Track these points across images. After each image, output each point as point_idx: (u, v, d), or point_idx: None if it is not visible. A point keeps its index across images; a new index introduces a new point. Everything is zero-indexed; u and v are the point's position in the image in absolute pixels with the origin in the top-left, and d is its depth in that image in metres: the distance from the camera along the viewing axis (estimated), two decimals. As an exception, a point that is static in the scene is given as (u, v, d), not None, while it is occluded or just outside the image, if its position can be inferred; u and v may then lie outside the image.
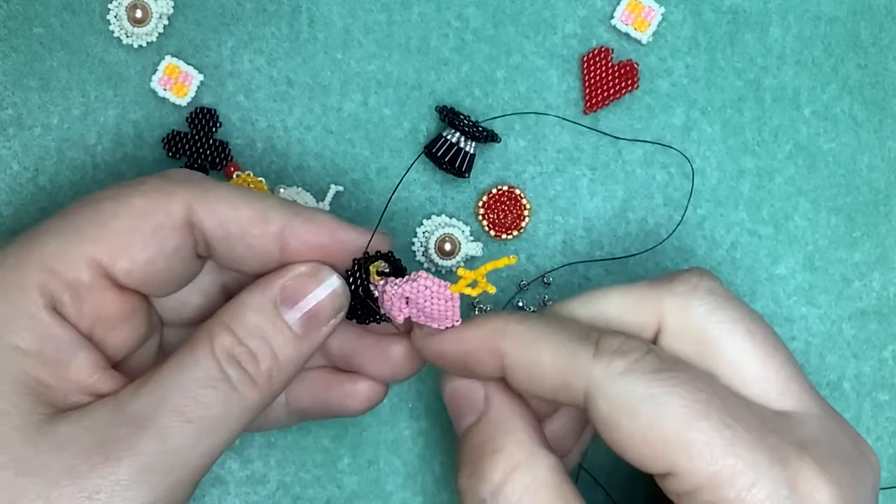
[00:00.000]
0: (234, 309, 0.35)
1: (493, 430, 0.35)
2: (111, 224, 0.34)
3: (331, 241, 0.36)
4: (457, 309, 0.36)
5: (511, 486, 0.34)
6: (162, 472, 0.31)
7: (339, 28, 0.43)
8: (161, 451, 0.31)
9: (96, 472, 0.31)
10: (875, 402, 0.45)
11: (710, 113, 0.44)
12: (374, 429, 0.43)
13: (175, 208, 0.34)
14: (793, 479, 0.32)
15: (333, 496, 0.43)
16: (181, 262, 0.35)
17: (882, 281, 0.45)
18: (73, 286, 0.33)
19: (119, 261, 0.34)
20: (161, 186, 0.35)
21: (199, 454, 0.32)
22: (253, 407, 0.34)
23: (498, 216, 0.43)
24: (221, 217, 0.35)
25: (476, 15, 0.44)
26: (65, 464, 0.31)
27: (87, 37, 0.43)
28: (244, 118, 0.43)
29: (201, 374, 0.33)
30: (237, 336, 0.34)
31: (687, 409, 0.32)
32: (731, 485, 0.31)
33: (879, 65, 0.45)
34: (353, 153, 0.43)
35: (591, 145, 0.44)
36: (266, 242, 0.35)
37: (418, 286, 0.36)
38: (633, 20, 0.43)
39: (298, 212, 0.36)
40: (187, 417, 0.32)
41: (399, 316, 0.36)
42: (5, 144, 0.42)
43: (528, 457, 0.34)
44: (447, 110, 0.43)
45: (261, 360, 0.34)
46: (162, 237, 0.34)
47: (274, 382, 0.34)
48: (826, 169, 0.45)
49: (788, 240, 0.45)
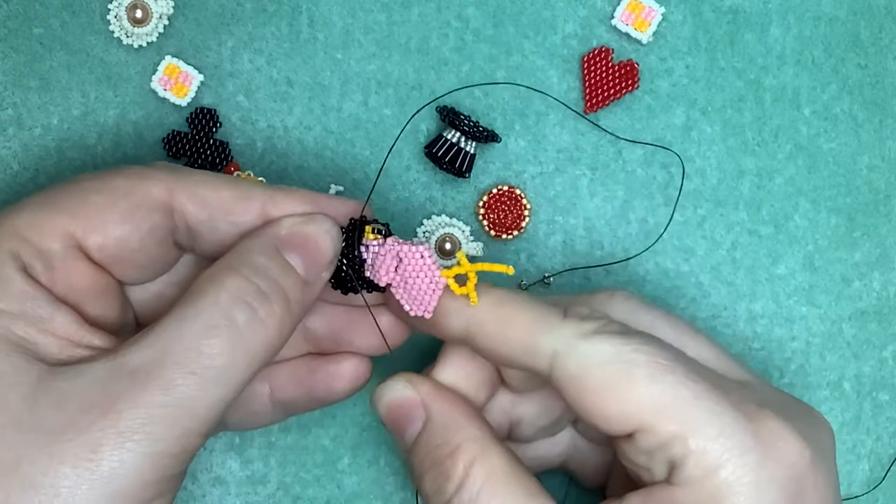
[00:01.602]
0: (237, 253, 0.34)
1: (444, 431, 0.36)
2: (89, 199, 0.34)
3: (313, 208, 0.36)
4: (436, 298, 0.36)
5: (471, 479, 0.34)
6: (166, 424, 0.31)
7: (339, 28, 0.43)
8: (164, 403, 0.31)
9: (97, 426, 0.30)
10: (875, 402, 0.45)
11: (711, 113, 0.44)
12: (374, 429, 0.43)
13: (155, 191, 0.35)
14: (757, 430, 0.32)
15: (334, 496, 0.43)
16: (156, 246, 0.35)
17: (882, 281, 0.45)
18: (44, 255, 0.33)
19: (92, 234, 0.34)
20: (143, 171, 0.35)
21: (206, 405, 0.32)
22: (261, 353, 0.33)
23: (498, 216, 0.43)
24: (202, 198, 0.35)
25: (476, 15, 0.44)
26: (66, 419, 0.30)
27: (87, 37, 0.43)
28: (244, 118, 0.43)
29: (204, 323, 0.32)
30: (246, 277, 0.33)
31: (653, 366, 0.33)
32: (698, 436, 0.32)
33: (879, 65, 0.45)
34: (353, 153, 0.43)
35: (592, 145, 0.44)
36: (249, 218, 0.35)
37: (416, 251, 0.36)
38: (633, 20, 0.43)
39: (278, 187, 0.36)
40: (191, 369, 0.31)
41: (384, 277, 0.36)
42: (5, 145, 0.42)
43: (483, 449, 0.35)
44: (447, 110, 0.43)
45: (272, 300, 0.33)
46: (138, 216, 0.34)
47: (284, 326, 0.34)
48: (826, 169, 0.45)
49: (788, 240, 0.45)
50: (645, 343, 0.34)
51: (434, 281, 0.36)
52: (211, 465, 0.43)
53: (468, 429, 0.36)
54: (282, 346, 0.34)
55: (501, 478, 0.34)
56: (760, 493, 0.32)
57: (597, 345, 0.33)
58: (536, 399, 0.39)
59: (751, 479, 0.32)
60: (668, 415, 0.32)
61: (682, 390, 0.33)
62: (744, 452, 0.32)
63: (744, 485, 0.32)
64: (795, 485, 0.32)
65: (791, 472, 0.32)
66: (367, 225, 0.36)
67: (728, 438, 0.32)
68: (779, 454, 0.32)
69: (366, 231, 0.36)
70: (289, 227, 0.35)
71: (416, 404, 0.36)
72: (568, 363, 0.34)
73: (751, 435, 0.32)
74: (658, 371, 0.33)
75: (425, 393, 0.36)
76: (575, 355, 0.33)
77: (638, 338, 0.34)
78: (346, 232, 0.36)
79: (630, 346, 0.33)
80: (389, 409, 0.37)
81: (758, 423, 0.33)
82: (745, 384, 0.35)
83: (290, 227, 0.35)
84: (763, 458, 0.32)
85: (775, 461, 0.32)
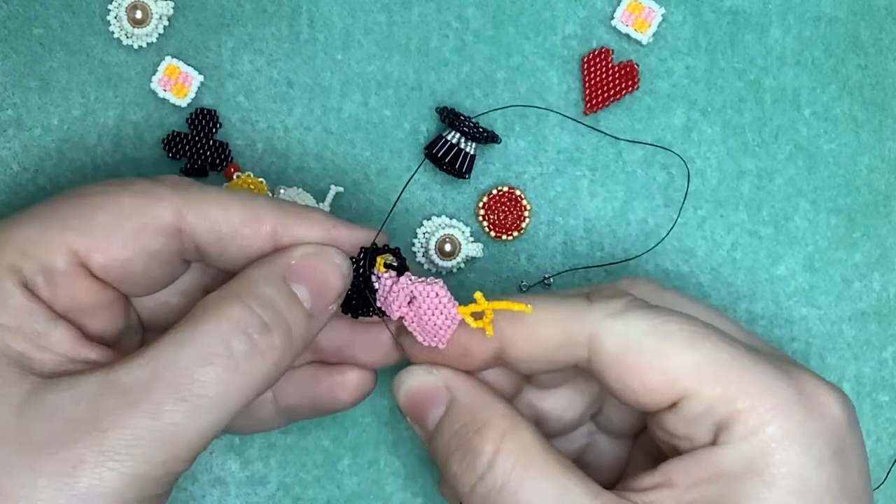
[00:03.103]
0: (243, 281, 0.34)
1: (471, 410, 0.35)
2: (95, 217, 0.34)
3: (324, 237, 0.35)
4: (451, 332, 0.35)
5: (503, 455, 0.34)
6: (151, 447, 0.30)
7: (340, 29, 0.43)
8: (151, 427, 0.30)
9: (81, 442, 0.30)
10: (875, 402, 0.45)
11: (711, 114, 0.44)
12: (374, 430, 0.43)
13: (162, 213, 0.34)
14: (799, 387, 0.33)
15: (334, 497, 0.43)
16: (162, 266, 0.35)
17: (882, 282, 0.45)
18: (47, 270, 0.33)
19: (96, 254, 0.34)
20: (151, 189, 0.35)
21: (194, 433, 0.31)
22: (256, 385, 0.32)
23: (498, 217, 0.43)
24: (212, 220, 0.34)
25: (476, 16, 0.44)
26: (51, 432, 0.30)
27: (87, 38, 0.42)
28: (244, 119, 0.43)
29: (201, 351, 0.32)
30: (249, 307, 0.33)
31: (688, 334, 0.33)
32: (743, 395, 0.32)
33: (879, 65, 0.45)
34: (353, 154, 0.43)
35: (592, 146, 0.44)
36: (259, 242, 0.35)
37: (430, 290, 0.35)
38: (633, 21, 0.43)
39: (290, 210, 0.35)
40: (182, 395, 0.31)
41: (396, 311, 0.36)
42: (5, 145, 0.42)
43: (513, 425, 0.34)
44: (447, 111, 0.43)
45: (274, 333, 0.33)
46: (144, 239, 0.34)
47: (283, 359, 0.33)
48: (826, 170, 0.45)
49: (788, 241, 0.45)
50: (675, 314, 0.34)
51: (449, 317, 0.35)
52: (211, 465, 0.43)
53: (495, 406, 0.35)
54: (280, 377, 0.34)
55: (533, 453, 0.34)
56: (808, 447, 0.32)
57: (630, 321, 0.34)
58: (563, 393, 0.39)
59: (798, 433, 0.32)
60: (711, 378, 0.33)
61: (721, 354, 0.33)
62: (789, 408, 0.32)
63: (792, 439, 0.32)
64: (838, 439, 0.33)
65: (834, 427, 0.33)
66: (379, 256, 0.36)
67: (772, 395, 0.32)
68: (822, 409, 0.33)
69: (377, 263, 0.36)
70: (299, 258, 0.35)
71: (438, 388, 0.36)
72: (605, 344, 0.34)
73: (795, 390, 0.33)
74: (694, 338, 0.33)
75: (448, 377, 0.36)
76: (611, 335, 0.34)
77: (667, 310, 0.34)
78: (356, 261, 0.36)
79: (662, 318, 0.34)
80: (411, 394, 0.36)
81: (798, 379, 0.33)
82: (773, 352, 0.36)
83: (300, 257, 0.35)
84: (809, 413, 0.32)
85: (820, 416, 0.32)
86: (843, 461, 0.33)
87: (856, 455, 0.33)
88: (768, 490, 0.32)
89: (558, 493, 0.33)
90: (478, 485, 0.34)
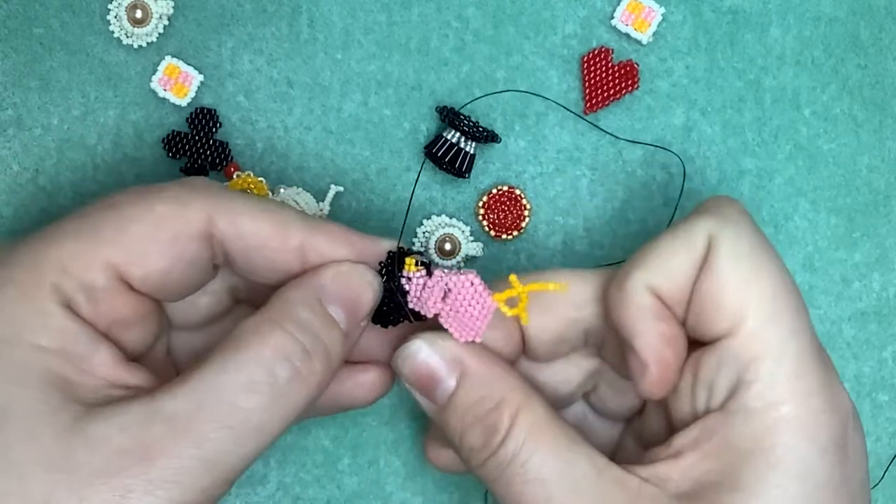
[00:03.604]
0: (280, 306, 0.34)
1: (486, 384, 0.35)
2: (130, 229, 0.34)
3: (350, 253, 0.36)
4: (486, 322, 0.35)
5: (516, 429, 0.34)
6: (196, 475, 0.31)
7: (339, 28, 0.43)
8: (197, 455, 0.31)
9: (129, 472, 0.30)
10: (875, 402, 0.45)
11: (710, 113, 0.44)
12: (374, 429, 0.43)
13: (195, 218, 0.34)
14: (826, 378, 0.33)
15: (334, 497, 0.43)
16: (197, 272, 0.35)
17: (882, 282, 0.45)
18: (88, 288, 0.33)
19: (135, 267, 0.33)
20: (181, 196, 0.34)
21: (238, 459, 0.32)
22: (297, 409, 0.33)
23: (498, 216, 0.43)
24: (241, 230, 0.34)
25: (476, 15, 0.44)
26: (98, 462, 0.30)
27: (87, 37, 0.43)
28: (244, 118, 0.43)
29: (245, 378, 0.32)
30: (290, 333, 0.33)
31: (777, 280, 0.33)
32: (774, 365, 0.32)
33: (879, 65, 0.45)
34: (353, 153, 0.43)
35: (592, 145, 0.44)
36: (286, 257, 0.35)
37: (465, 280, 0.35)
38: (633, 20, 0.43)
39: (317, 226, 0.36)
40: (227, 424, 0.31)
41: (432, 309, 0.36)
42: (5, 145, 0.42)
43: (526, 398, 0.35)
44: (447, 110, 0.43)
45: (314, 358, 0.33)
46: (180, 247, 0.34)
47: (324, 382, 0.34)
48: (826, 169, 0.45)
49: (788, 240, 0.45)
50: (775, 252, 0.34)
51: (484, 306, 0.35)
52: (211, 465, 0.43)
53: (508, 378, 0.35)
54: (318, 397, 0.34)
55: (545, 426, 0.34)
56: (816, 436, 0.32)
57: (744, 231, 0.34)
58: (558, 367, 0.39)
59: (810, 420, 0.32)
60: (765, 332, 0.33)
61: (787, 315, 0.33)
62: (810, 395, 0.32)
63: (802, 424, 0.32)
64: (842, 433, 0.33)
65: (841, 420, 0.33)
66: (408, 257, 0.36)
67: (801, 379, 0.32)
68: (836, 403, 0.33)
69: (407, 263, 0.36)
70: (332, 278, 0.35)
71: (447, 361, 0.36)
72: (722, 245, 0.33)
73: (820, 381, 0.33)
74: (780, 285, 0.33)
75: (457, 348, 0.36)
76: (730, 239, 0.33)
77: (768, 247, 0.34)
78: (385, 265, 0.36)
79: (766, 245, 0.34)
80: (419, 366, 0.36)
81: (828, 369, 0.33)
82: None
83: (333, 277, 0.35)
84: (827, 404, 0.33)
85: (835, 409, 0.33)
86: (846, 455, 0.33)
87: (858, 451, 0.34)
88: (772, 471, 0.32)
89: (565, 466, 0.33)
90: (490, 458, 0.34)
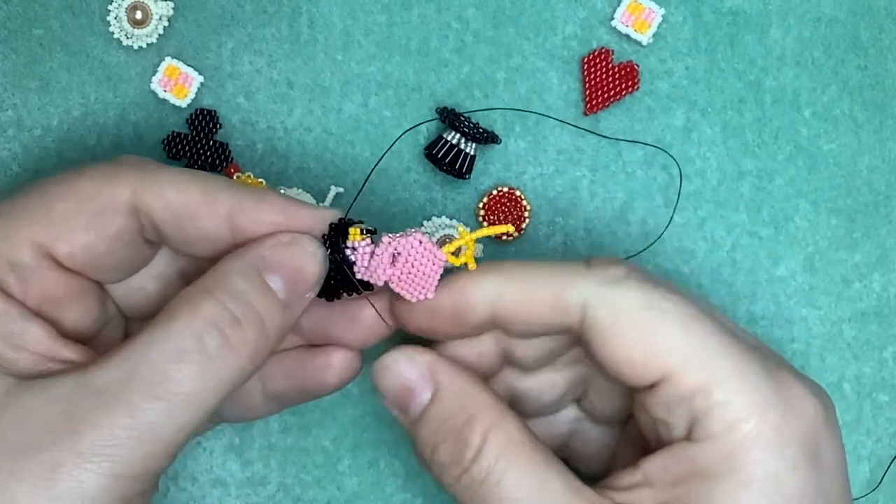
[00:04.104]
0: (215, 275, 0.34)
1: (458, 400, 0.35)
2: (54, 206, 0.34)
3: (283, 219, 0.35)
4: (437, 277, 0.35)
5: (488, 447, 0.34)
6: (129, 447, 0.30)
7: (340, 29, 0.43)
8: (128, 426, 0.30)
9: (58, 445, 0.30)
10: (875, 403, 0.45)
11: (711, 114, 0.44)
12: (374, 430, 0.43)
13: (120, 192, 0.34)
14: (779, 387, 0.33)
15: (334, 498, 0.43)
16: (125, 247, 0.35)
17: (882, 282, 0.45)
18: (16, 266, 0.33)
19: (59, 243, 0.34)
20: (107, 171, 0.35)
21: (172, 430, 0.31)
22: (231, 379, 0.32)
23: (498, 217, 0.43)
24: (168, 200, 0.34)
25: (476, 16, 0.44)
26: (28, 435, 0.30)
27: (87, 38, 0.43)
28: (244, 120, 0.43)
29: (174, 347, 0.32)
30: (221, 301, 0.33)
31: (683, 316, 0.33)
32: (723, 388, 0.32)
33: (880, 66, 0.45)
34: (353, 154, 0.43)
35: (592, 147, 0.44)
36: (216, 223, 0.35)
37: (412, 240, 0.35)
38: (633, 21, 0.43)
39: (247, 192, 0.35)
40: (157, 393, 0.31)
41: (381, 277, 0.36)
42: (5, 146, 0.42)
43: (499, 417, 0.35)
44: (447, 112, 0.43)
45: (246, 327, 0.33)
46: (103, 221, 0.34)
47: (258, 352, 0.33)
48: (826, 170, 0.45)
49: (789, 241, 0.45)
50: (675, 293, 0.34)
51: (434, 262, 0.35)
52: (211, 466, 0.43)
53: (481, 396, 0.35)
54: (257, 369, 0.34)
55: (517, 445, 0.34)
56: (783, 449, 0.32)
57: (626, 291, 0.33)
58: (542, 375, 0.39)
59: (773, 434, 0.32)
60: (695, 364, 0.32)
61: (711, 340, 0.33)
62: (767, 408, 0.32)
63: (767, 440, 0.32)
64: (813, 442, 0.33)
65: (809, 429, 0.33)
66: (351, 227, 0.36)
67: (752, 393, 0.32)
68: (799, 411, 0.33)
69: (351, 233, 0.36)
70: (271, 248, 0.34)
71: (423, 375, 0.36)
72: (598, 312, 0.33)
73: (773, 391, 0.32)
74: (688, 319, 0.33)
75: (431, 363, 0.36)
76: (605, 304, 0.33)
77: (667, 287, 0.34)
78: (329, 237, 0.36)
79: (659, 293, 0.33)
80: (394, 381, 0.36)
81: (779, 379, 0.33)
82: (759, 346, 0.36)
83: (273, 247, 0.34)
84: (785, 415, 0.32)
85: (796, 418, 0.32)
86: (817, 465, 0.32)
87: (832, 458, 0.33)
88: (743, 490, 0.32)
89: (538, 486, 0.33)
90: (463, 476, 0.34)
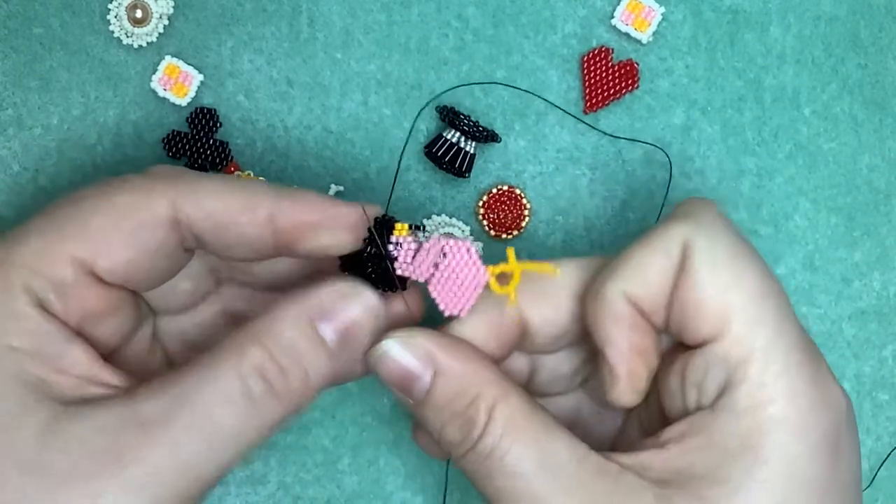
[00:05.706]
0: (267, 323, 0.34)
1: (460, 380, 0.35)
2: (92, 222, 0.34)
3: (321, 217, 0.35)
4: (476, 296, 0.35)
5: (493, 423, 0.34)
6: (168, 482, 0.31)
7: (339, 28, 0.43)
8: (170, 462, 0.31)
9: (102, 475, 0.30)
10: (875, 401, 0.45)
11: (710, 113, 0.44)
12: (374, 429, 0.43)
13: (158, 206, 0.34)
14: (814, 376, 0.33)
15: (334, 496, 0.43)
16: (165, 259, 0.35)
17: (882, 281, 0.45)
18: (57, 284, 0.33)
19: (100, 260, 0.34)
20: (144, 184, 0.35)
21: (211, 468, 0.32)
22: (272, 423, 0.33)
23: (498, 216, 0.43)
24: (208, 210, 0.34)
25: (476, 15, 0.44)
26: (72, 464, 0.31)
27: (87, 37, 0.43)
28: (244, 118, 0.43)
29: (221, 390, 0.32)
30: (269, 351, 0.33)
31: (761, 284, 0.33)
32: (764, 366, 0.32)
33: (879, 64, 0.45)
34: (353, 153, 0.43)
35: (591, 145, 0.44)
36: (256, 228, 0.35)
37: (462, 245, 0.35)
38: (633, 20, 0.43)
39: (285, 193, 0.35)
40: (200, 433, 0.32)
41: (424, 273, 0.35)
42: (5, 145, 0.42)
43: (502, 392, 0.34)
44: (447, 110, 0.43)
45: (291, 377, 0.33)
46: (144, 236, 0.34)
47: (302, 399, 0.34)
48: (826, 169, 0.45)
49: (788, 239, 0.45)
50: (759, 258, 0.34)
51: (477, 277, 0.35)
52: (211, 464, 0.43)
53: (483, 372, 0.35)
54: (300, 413, 0.34)
55: (521, 417, 0.34)
56: (806, 436, 0.32)
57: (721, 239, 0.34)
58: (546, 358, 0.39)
59: (798, 420, 0.32)
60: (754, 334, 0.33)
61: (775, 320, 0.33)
62: (798, 394, 0.32)
63: (791, 425, 0.32)
64: (836, 434, 0.33)
65: (834, 419, 0.33)
66: (398, 223, 0.36)
67: (788, 378, 0.32)
68: (827, 401, 0.33)
69: (398, 228, 0.35)
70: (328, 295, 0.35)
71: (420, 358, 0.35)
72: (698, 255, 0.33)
73: (808, 379, 0.33)
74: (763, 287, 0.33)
75: (429, 345, 0.35)
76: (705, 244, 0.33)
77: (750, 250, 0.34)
78: (372, 231, 0.35)
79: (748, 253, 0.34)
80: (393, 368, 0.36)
81: (816, 369, 0.33)
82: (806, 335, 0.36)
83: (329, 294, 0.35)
84: (814, 403, 0.32)
85: (823, 407, 0.33)
86: (837, 456, 0.33)
87: (850, 451, 0.33)
88: (758, 468, 0.32)
89: (543, 457, 0.33)
90: (470, 452, 0.34)
